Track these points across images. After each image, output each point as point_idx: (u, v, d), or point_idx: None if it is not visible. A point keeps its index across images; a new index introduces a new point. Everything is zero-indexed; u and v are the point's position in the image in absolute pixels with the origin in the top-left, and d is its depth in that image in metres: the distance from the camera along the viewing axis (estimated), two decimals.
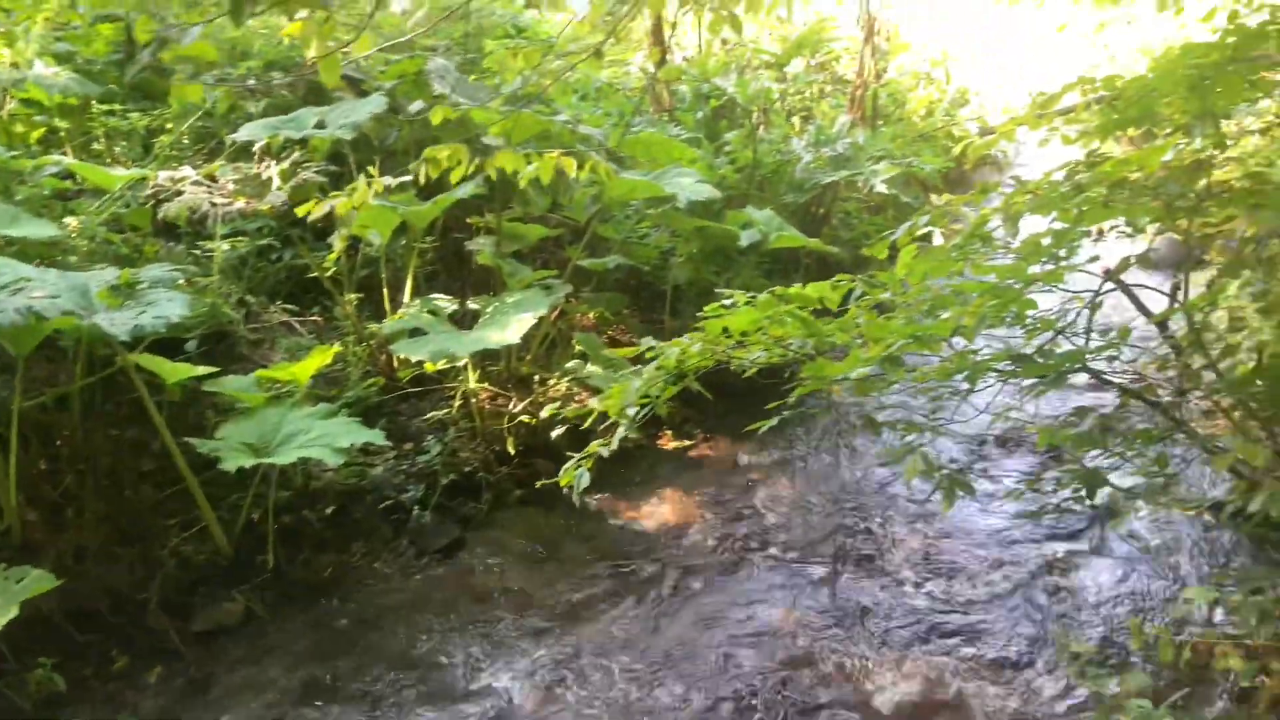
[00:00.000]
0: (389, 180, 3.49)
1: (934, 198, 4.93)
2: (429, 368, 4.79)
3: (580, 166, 3.55)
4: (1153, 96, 3.88)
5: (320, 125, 4.85)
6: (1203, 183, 3.84)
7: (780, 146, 6.27)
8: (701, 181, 5.01)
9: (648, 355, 3.18)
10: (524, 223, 5.54)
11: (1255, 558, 3.76)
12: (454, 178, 3.43)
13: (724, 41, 6.84)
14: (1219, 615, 3.25)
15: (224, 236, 4.93)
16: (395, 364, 5.08)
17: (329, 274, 4.97)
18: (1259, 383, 3.65)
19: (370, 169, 4.25)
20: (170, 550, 3.97)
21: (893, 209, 6.61)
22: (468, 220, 5.55)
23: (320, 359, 4.24)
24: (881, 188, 5.65)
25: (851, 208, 6.67)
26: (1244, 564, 3.78)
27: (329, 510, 4.37)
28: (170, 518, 4.10)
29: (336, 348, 4.48)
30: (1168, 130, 3.96)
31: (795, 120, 7.23)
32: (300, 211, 3.86)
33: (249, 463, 3.71)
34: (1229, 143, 5.44)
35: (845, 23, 7.72)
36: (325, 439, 3.91)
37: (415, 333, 4.52)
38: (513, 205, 5.55)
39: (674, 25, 2.95)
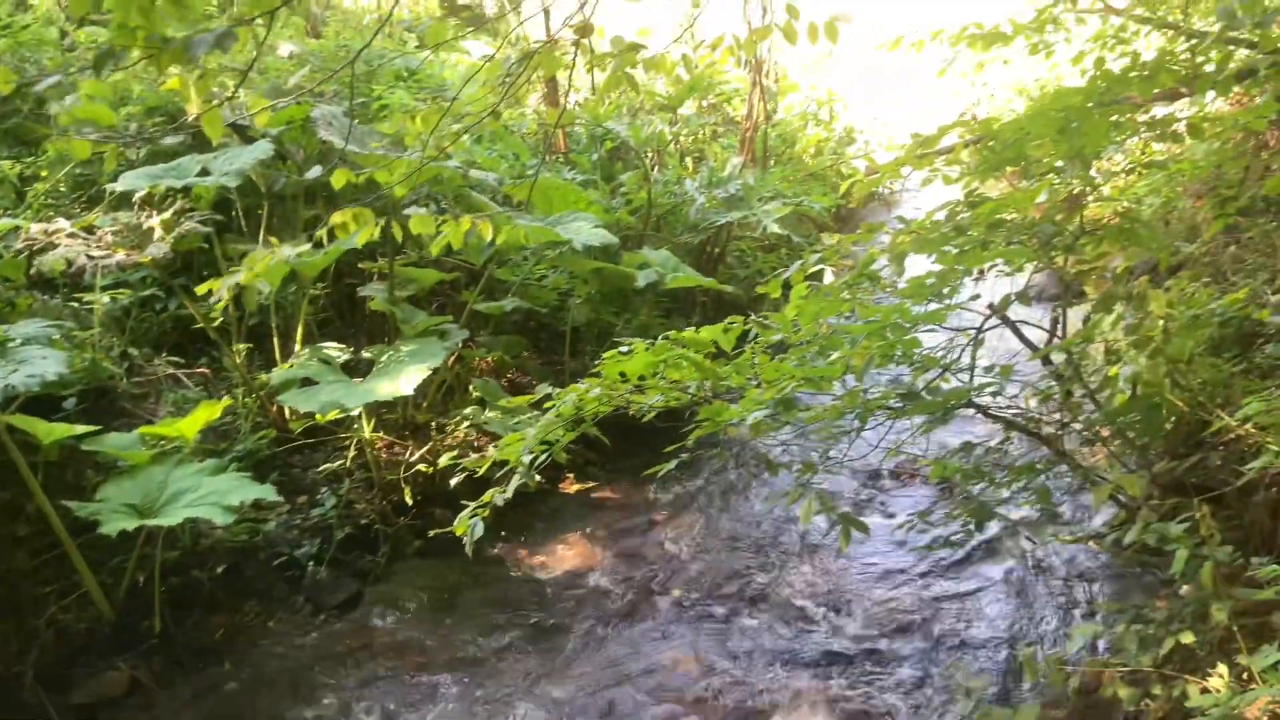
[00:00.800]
0: (288, 251, 3.41)
1: (824, 237, 5.03)
2: (321, 418, 4.68)
3: (495, 230, 3.51)
4: (1026, 138, 4.05)
5: (204, 173, 4.73)
6: (1076, 221, 4.02)
7: (674, 188, 6.35)
8: (598, 226, 5.03)
9: (545, 406, 3.16)
10: (419, 266, 5.48)
11: (1136, 585, 3.90)
12: (361, 239, 3.37)
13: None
14: (1105, 644, 3.35)
15: (105, 288, 4.76)
16: (287, 415, 4.95)
17: (216, 324, 4.83)
18: (1134, 413, 3.81)
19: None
20: (47, 619, 3.78)
21: (785, 247, 6.74)
22: (360, 265, 5.48)
23: (208, 413, 4.11)
24: (773, 227, 5.76)
25: (746, 246, 6.78)
26: (1125, 591, 3.92)
27: (220, 569, 4.21)
28: (48, 585, 3.89)
29: (225, 400, 4.35)
30: (1042, 171, 4.13)
31: (689, 161, 7.34)
32: (200, 290, 3.76)
33: (131, 525, 3.56)
34: (1099, 182, 5.70)
35: (738, 62, 7.88)
36: (214, 496, 3.78)
37: (306, 383, 4.42)
38: (406, 250, 5.49)
39: (570, 76, 2.98)
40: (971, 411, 3.76)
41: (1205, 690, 2.41)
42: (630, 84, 2.94)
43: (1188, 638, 2.62)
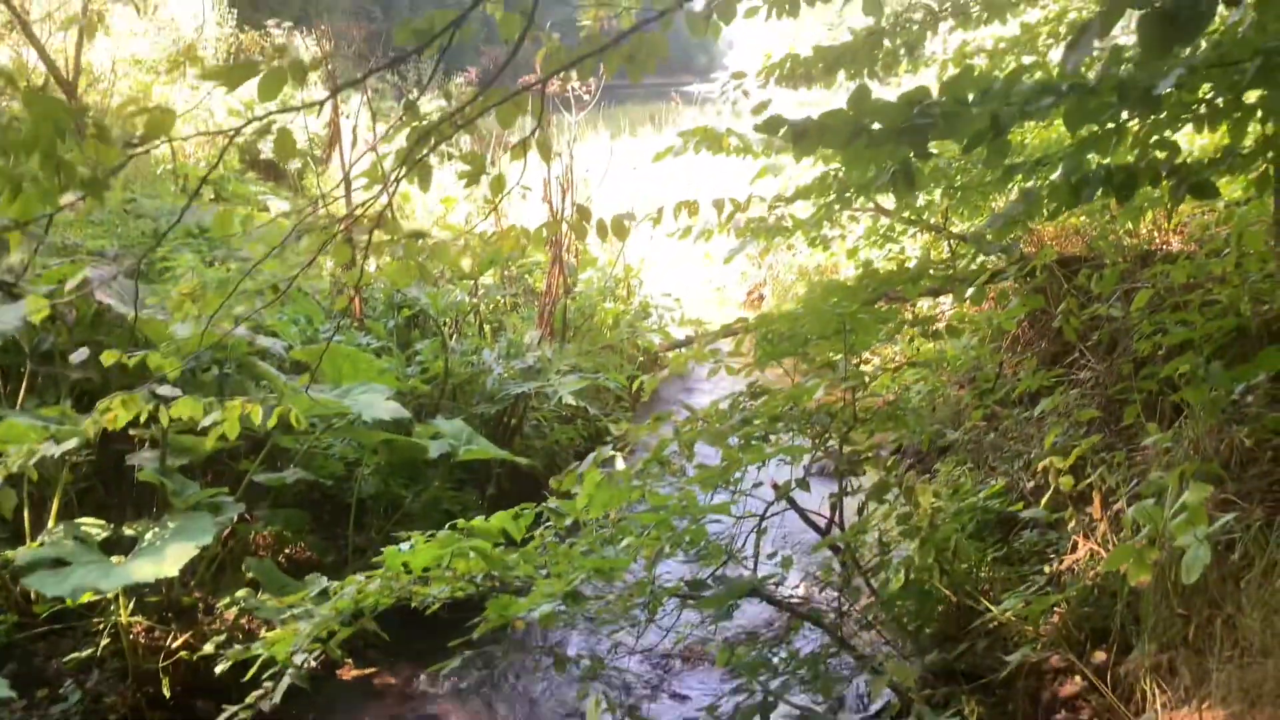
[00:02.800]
0: (51, 448, 3.16)
1: (613, 427, 5.14)
2: (71, 602, 4.27)
3: (268, 414, 3.38)
4: (802, 333, 4.29)
5: None
6: (850, 411, 4.24)
7: (472, 358, 6.34)
8: (390, 398, 4.93)
9: (321, 607, 3.00)
10: (195, 433, 5.18)
11: None
12: (122, 421, 3.17)
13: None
14: None
15: None
16: (33, 595, 4.49)
17: None
18: (908, 599, 3.97)
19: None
20: None
21: (582, 419, 6.80)
22: (130, 431, 5.13)
23: None
24: (569, 399, 5.81)
25: (543, 416, 6.79)
26: None
27: None
28: None
29: None
30: (819, 365, 4.37)
31: (487, 330, 7.37)
32: None
33: None
34: (874, 371, 6.09)
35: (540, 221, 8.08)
36: None
37: (57, 564, 4.04)
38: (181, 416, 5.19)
39: (365, 253, 2.95)
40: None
41: None
42: (424, 275, 2.94)
43: None
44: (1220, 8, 1.87)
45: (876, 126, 2.41)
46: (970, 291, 4.49)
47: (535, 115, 2.84)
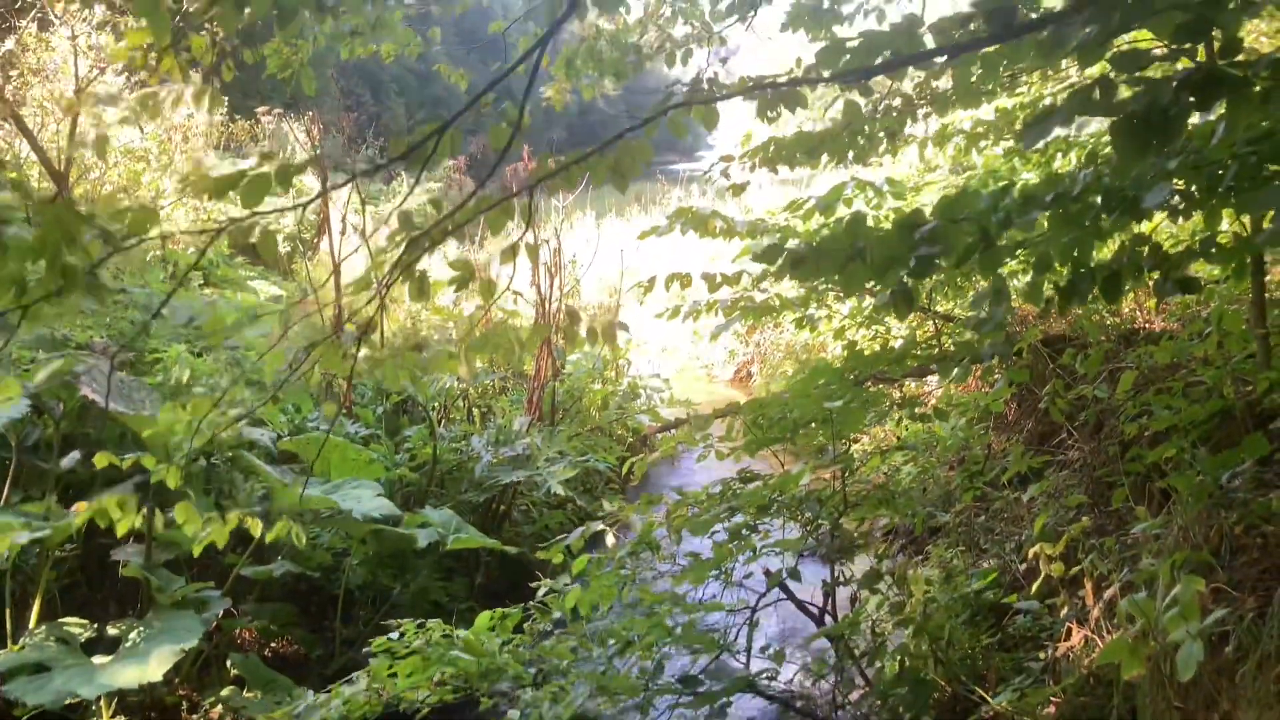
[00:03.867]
0: (24, 537, 3.14)
1: (605, 503, 5.12)
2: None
3: (269, 525, 3.37)
4: (791, 419, 4.31)
5: None
6: (839, 495, 4.24)
7: (460, 445, 6.32)
8: (380, 494, 4.91)
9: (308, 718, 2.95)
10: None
11: None
12: (120, 529, 3.15)
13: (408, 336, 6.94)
14: None
15: None
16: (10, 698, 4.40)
17: None
18: (903, 688, 3.93)
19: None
20: None
21: (572, 504, 6.76)
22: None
23: None
24: (558, 489, 5.79)
25: (532, 502, 6.76)
26: None
27: None
28: None
29: None
30: (808, 450, 4.38)
31: (476, 413, 7.36)
32: None
33: None
34: (863, 453, 6.10)
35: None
36: None
37: (39, 668, 3.97)
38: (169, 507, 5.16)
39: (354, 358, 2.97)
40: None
41: None
42: (412, 379, 2.95)
43: None
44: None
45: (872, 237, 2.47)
46: (955, 372, 4.53)
47: (524, 219, 2.88)
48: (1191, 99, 1.83)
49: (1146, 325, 5.96)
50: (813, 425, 3.92)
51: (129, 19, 8.89)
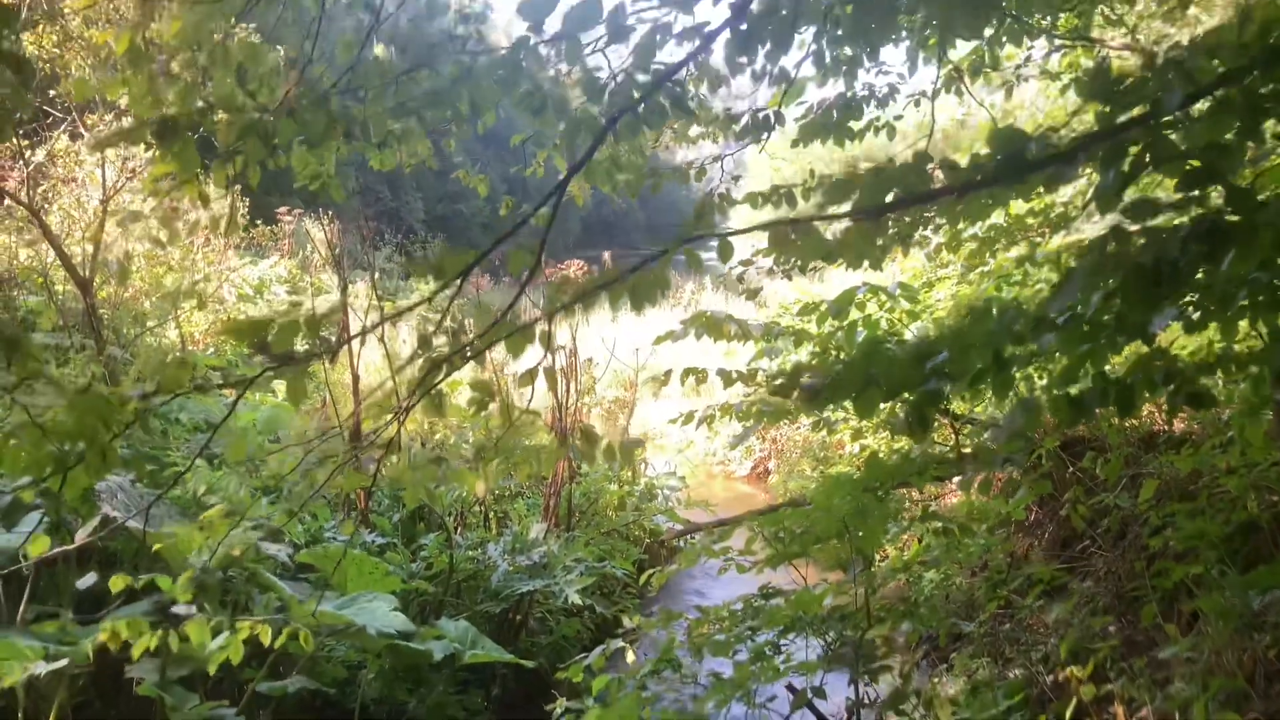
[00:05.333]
0: (41, 666, 3.13)
1: (625, 618, 5.06)
2: None
3: (276, 634, 3.37)
4: (812, 533, 4.28)
5: None
6: (862, 615, 4.18)
7: (477, 554, 6.29)
8: (395, 609, 4.88)
9: None
10: None
11: None
12: (136, 652, 3.14)
13: (421, 446, 6.96)
14: None
15: None
16: None
17: None
18: None
19: None
20: None
21: (589, 612, 6.69)
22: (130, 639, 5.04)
23: None
24: (575, 598, 5.73)
25: (551, 608, 6.68)
26: None
27: None
28: None
29: None
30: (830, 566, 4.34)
31: (493, 519, 7.33)
32: None
33: None
34: (881, 564, 6.04)
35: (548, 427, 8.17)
36: None
37: None
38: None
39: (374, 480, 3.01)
40: None
41: None
42: (429, 497, 2.96)
43: None
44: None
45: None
46: (977, 484, 4.50)
47: (544, 346, 2.92)
48: (1201, 247, 1.85)
49: (1166, 428, 5.93)
50: (833, 542, 3.89)
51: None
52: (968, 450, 6.49)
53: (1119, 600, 4.52)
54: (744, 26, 2.61)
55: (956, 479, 6.63)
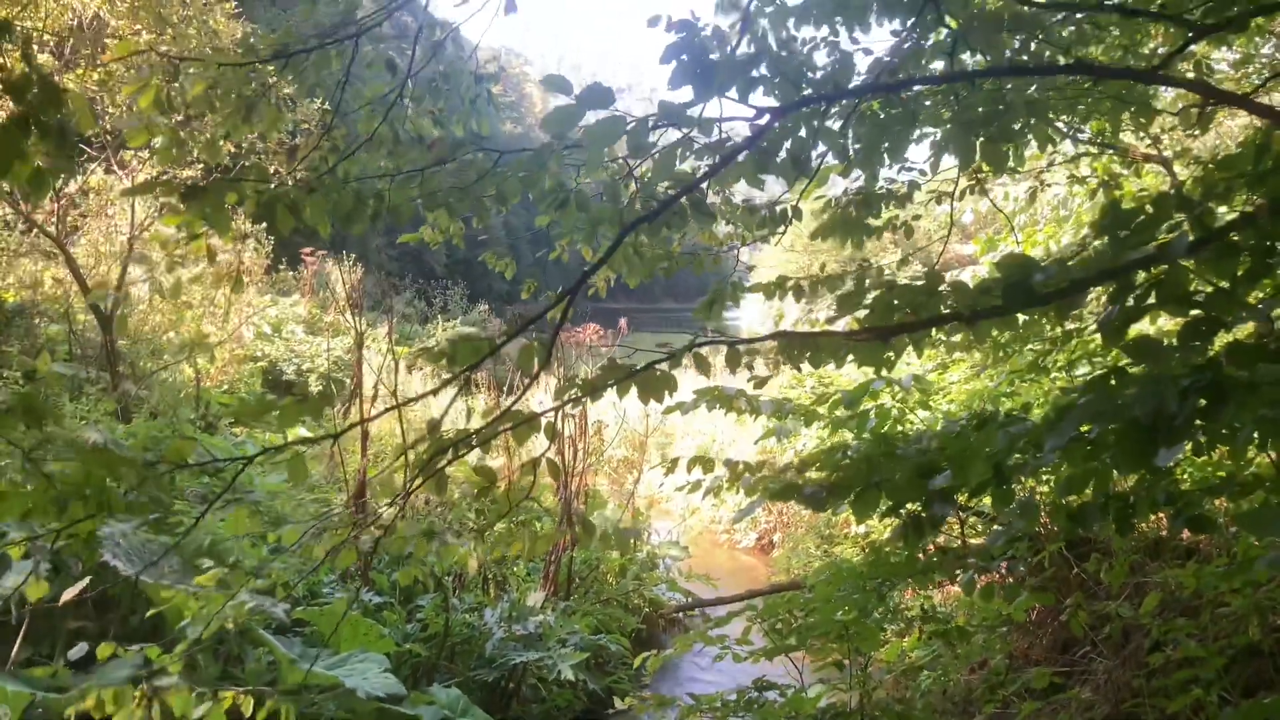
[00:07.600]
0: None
1: (618, 701, 5.03)
2: None
3: (259, 704, 3.36)
4: (809, 626, 4.25)
5: None
6: (857, 716, 4.14)
7: (472, 619, 6.25)
8: (387, 670, 4.85)
9: None
10: None
11: None
12: None
13: (426, 501, 6.96)
14: None
15: None
16: None
17: None
18: None
19: None
20: None
21: (582, 685, 6.63)
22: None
23: None
24: (568, 674, 5.68)
25: (544, 679, 6.62)
26: None
27: None
28: None
29: None
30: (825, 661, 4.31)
31: (491, 582, 7.30)
32: None
33: None
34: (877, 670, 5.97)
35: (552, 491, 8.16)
36: None
37: None
38: None
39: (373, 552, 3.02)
40: None
41: None
42: (424, 574, 2.96)
43: None
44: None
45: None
46: (978, 589, 4.48)
47: (548, 436, 2.94)
48: (1200, 401, 1.86)
49: (1173, 536, 5.87)
50: (831, 644, 3.87)
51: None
52: (974, 540, 6.44)
53: (1116, 712, 4.46)
54: (764, 144, 2.66)
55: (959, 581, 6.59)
